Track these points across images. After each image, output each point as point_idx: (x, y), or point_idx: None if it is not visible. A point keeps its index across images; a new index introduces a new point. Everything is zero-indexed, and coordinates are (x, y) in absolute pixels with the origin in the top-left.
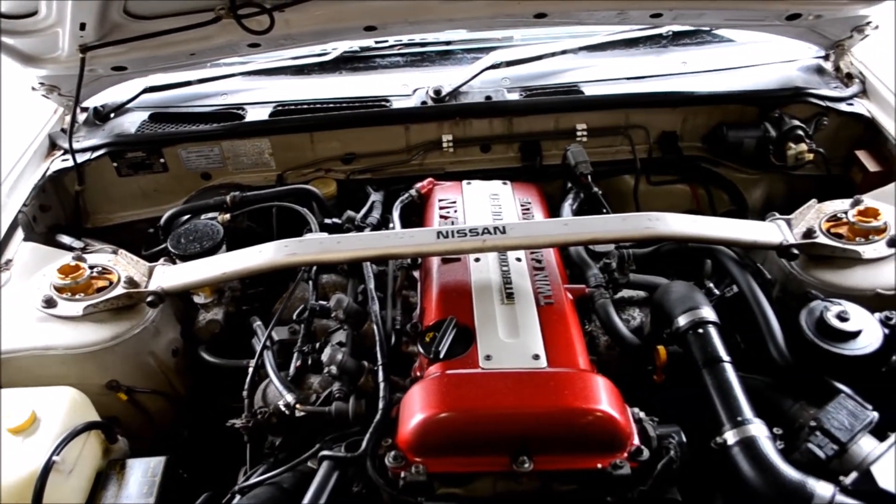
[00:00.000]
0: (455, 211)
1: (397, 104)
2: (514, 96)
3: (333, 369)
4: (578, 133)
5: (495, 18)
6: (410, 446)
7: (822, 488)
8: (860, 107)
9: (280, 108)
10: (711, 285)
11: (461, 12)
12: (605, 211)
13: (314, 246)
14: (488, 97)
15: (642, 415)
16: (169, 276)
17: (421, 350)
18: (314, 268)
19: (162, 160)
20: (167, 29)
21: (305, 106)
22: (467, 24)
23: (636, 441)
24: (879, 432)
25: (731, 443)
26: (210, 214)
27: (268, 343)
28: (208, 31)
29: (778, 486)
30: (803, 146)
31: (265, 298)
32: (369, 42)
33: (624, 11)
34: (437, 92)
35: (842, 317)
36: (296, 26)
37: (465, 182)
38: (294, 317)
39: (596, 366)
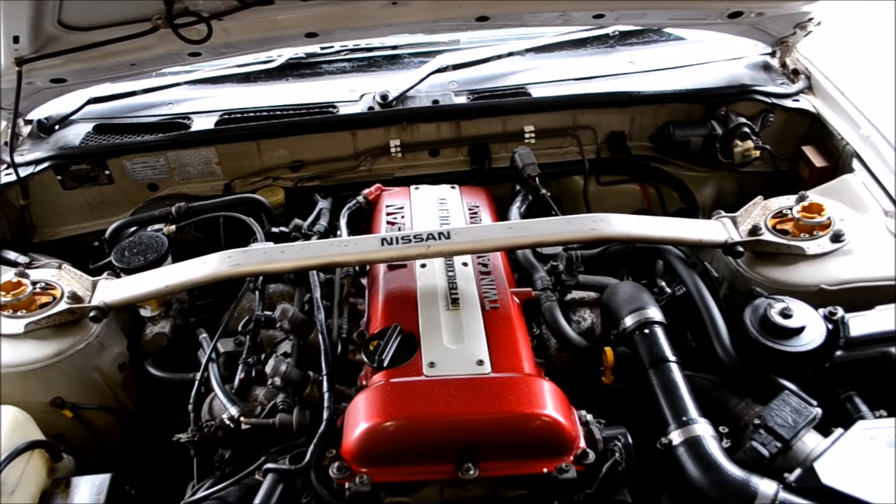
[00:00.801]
0: (402, 217)
1: (344, 110)
2: (462, 99)
3: (277, 380)
4: (526, 135)
5: (437, 22)
6: (354, 457)
7: (766, 486)
8: (806, 103)
9: (226, 116)
10: (664, 284)
11: (402, 17)
12: (553, 213)
13: (258, 256)
14: (435, 101)
15: (589, 417)
16: (112, 290)
17: (365, 359)
18: (260, 278)
19: (107, 172)
20: (104, 40)
21: (252, 114)
22: (409, 29)
23: (582, 444)
24: (825, 428)
25: (676, 443)
26: (156, 226)
27: (213, 355)
28: (147, 42)
29: (722, 485)
30: (749, 143)
31: (214, 310)
32: (315, 48)
33: (566, 13)
34: (384, 97)
35: (785, 314)
36: (235, 34)
37: (413, 187)
38: (239, 328)
39: (544, 369)
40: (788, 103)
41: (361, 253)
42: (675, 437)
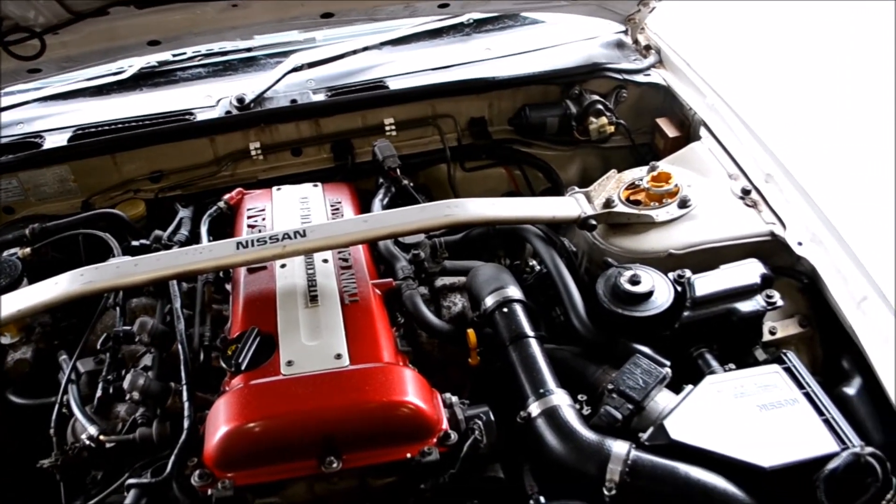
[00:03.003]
0: (264, 219)
1: (202, 116)
2: (320, 97)
3: (136, 395)
4: (387, 128)
5: (282, 22)
6: (216, 462)
7: (619, 447)
8: (657, 76)
9: (80, 131)
10: (534, 263)
11: (245, 19)
12: (416, 203)
13: (110, 271)
14: (294, 101)
15: (454, 399)
16: None
17: (223, 364)
18: (120, 293)
19: None
20: None
21: (106, 127)
22: (254, 31)
23: (445, 426)
24: (679, 386)
25: (534, 414)
26: (12, 250)
27: (72, 376)
28: None
29: (578, 451)
30: (604, 119)
31: (79, 331)
32: (167, 56)
33: (411, 4)
34: (241, 100)
35: (634, 280)
36: (74, 48)
37: (275, 188)
38: (98, 346)
39: (410, 357)
40: (640, 78)
41: (217, 259)
42: (534, 408)
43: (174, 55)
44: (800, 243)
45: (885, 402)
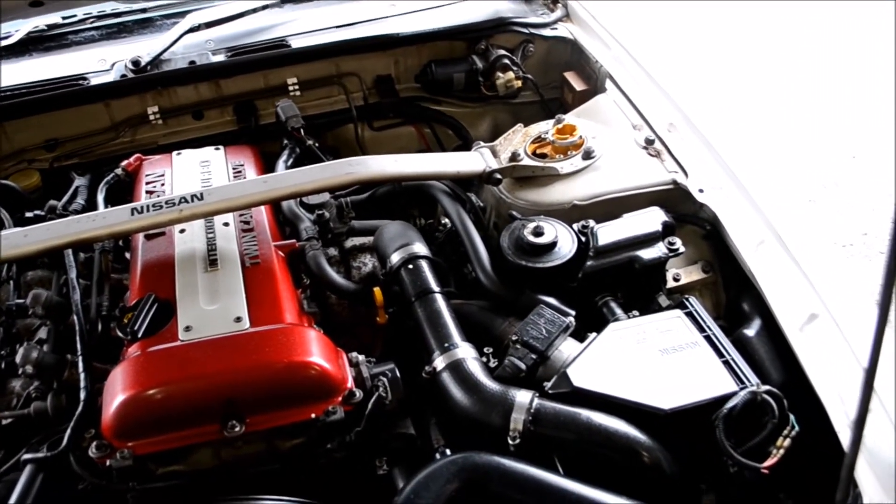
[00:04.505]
0: (163, 185)
1: (96, 81)
2: (220, 58)
3: (29, 368)
4: (290, 88)
5: None
6: (114, 432)
7: (522, 396)
8: (563, 30)
9: None
10: (446, 221)
11: None
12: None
13: None
14: (192, 62)
15: (360, 358)
16: None
17: (119, 332)
18: (14, 266)
19: None
20: None
21: None
22: None
23: (350, 385)
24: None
25: (439, 368)
26: None
27: None
28: None
29: (482, 402)
30: (511, 74)
31: None
32: (56, 18)
33: None
34: (136, 63)
35: (537, 232)
36: None
37: (175, 153)
38: None
39: (317, 318)
40: (546, 32)
41: (111, 226)
42: (439, 363)
43: (64, 18)
44: (701, 190)
45: (783, 342)
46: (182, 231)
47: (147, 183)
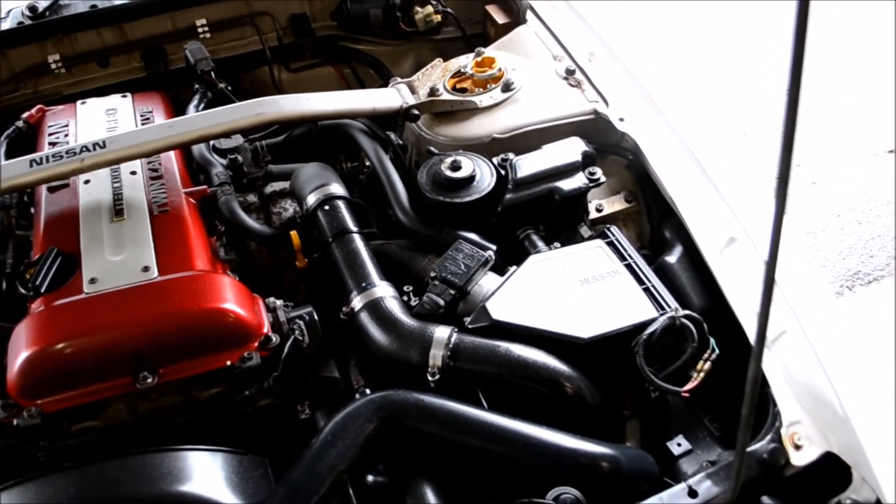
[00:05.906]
0: (66, 135)
1: None
2: (123, 0)
3: None
4: (200, 30)
5: None
6: (20, 390)
7: (440, 332)
8: None
9: None
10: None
11: None
12: None
13: None
14: (93, 6)
15: (278, 303)
16: None
17: (21, 288)
18: None
19: None
20: None
21: None
22: None
23: (267, 330)
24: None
25: (357, 308)
26: None
27: None
28: None
29: (401, 339)
30: (430, 8)
31: None
32: None
33: None
34: (33, 9)
35: (454, 166)
36: None
37: (79, 102)
38: None
39: (233, 265)
40: None
41: (9, 179)
42: (357, 302)
43: None
44: (621, 119)
45: (704, 267)
46: (87, 182)
47: (50, 134)
